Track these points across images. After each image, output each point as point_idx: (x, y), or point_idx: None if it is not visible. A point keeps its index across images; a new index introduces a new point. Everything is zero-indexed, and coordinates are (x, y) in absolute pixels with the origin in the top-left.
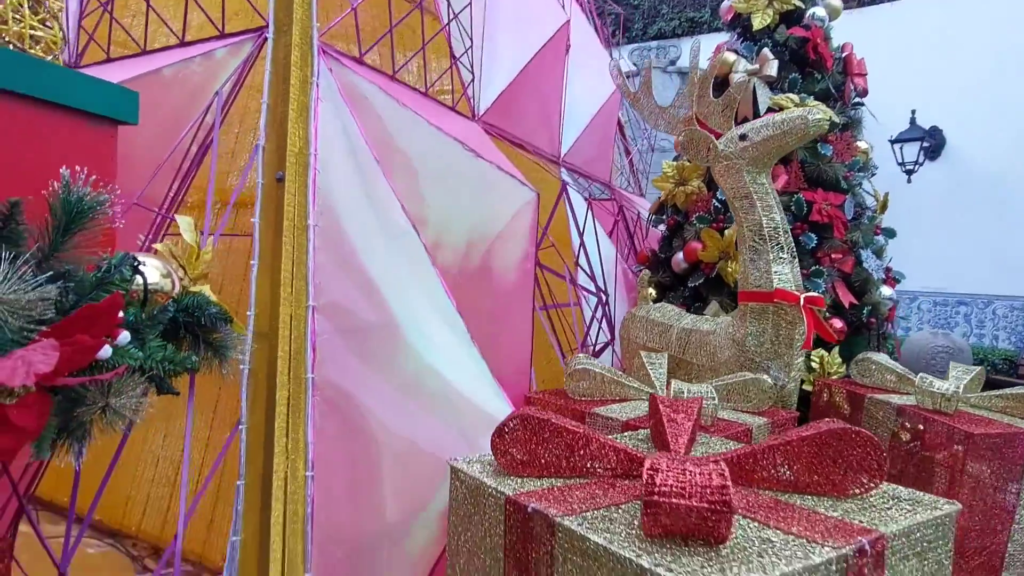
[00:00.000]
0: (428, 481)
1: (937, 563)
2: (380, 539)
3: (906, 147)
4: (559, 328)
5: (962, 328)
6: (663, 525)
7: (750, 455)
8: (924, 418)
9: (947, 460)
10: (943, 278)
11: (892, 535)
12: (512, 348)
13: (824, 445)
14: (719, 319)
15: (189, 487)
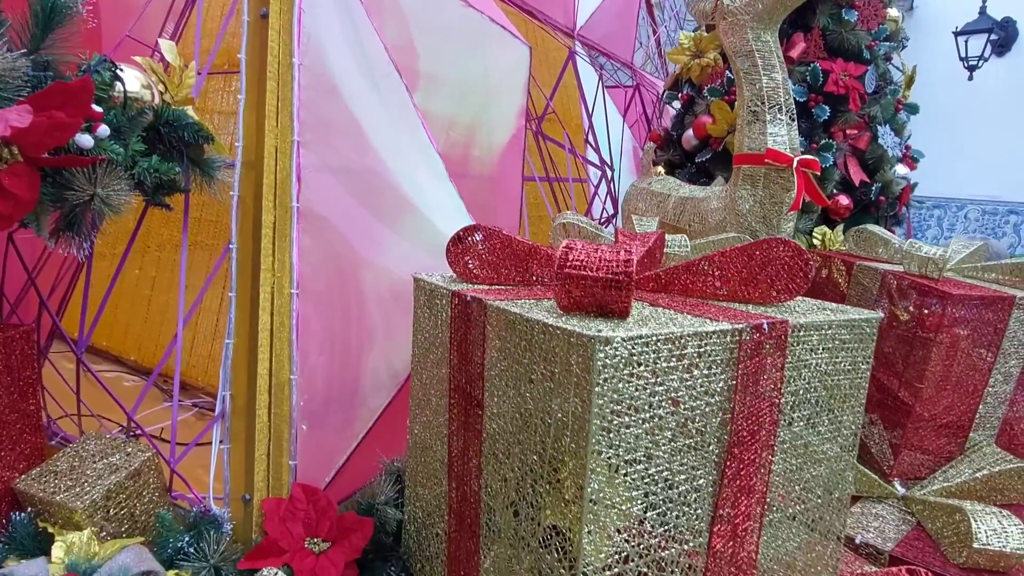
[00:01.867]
0: (406, 302)
1: (853, 364)
2: (362, 350)
3: (971, 40)
4: (561, 201)
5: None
6: (573, 298)
7: (686, 268)
8: (908, 282)
9: (926, 322)
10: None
11: (798, 325)
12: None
13: (753, 256)
14: (715, 187)
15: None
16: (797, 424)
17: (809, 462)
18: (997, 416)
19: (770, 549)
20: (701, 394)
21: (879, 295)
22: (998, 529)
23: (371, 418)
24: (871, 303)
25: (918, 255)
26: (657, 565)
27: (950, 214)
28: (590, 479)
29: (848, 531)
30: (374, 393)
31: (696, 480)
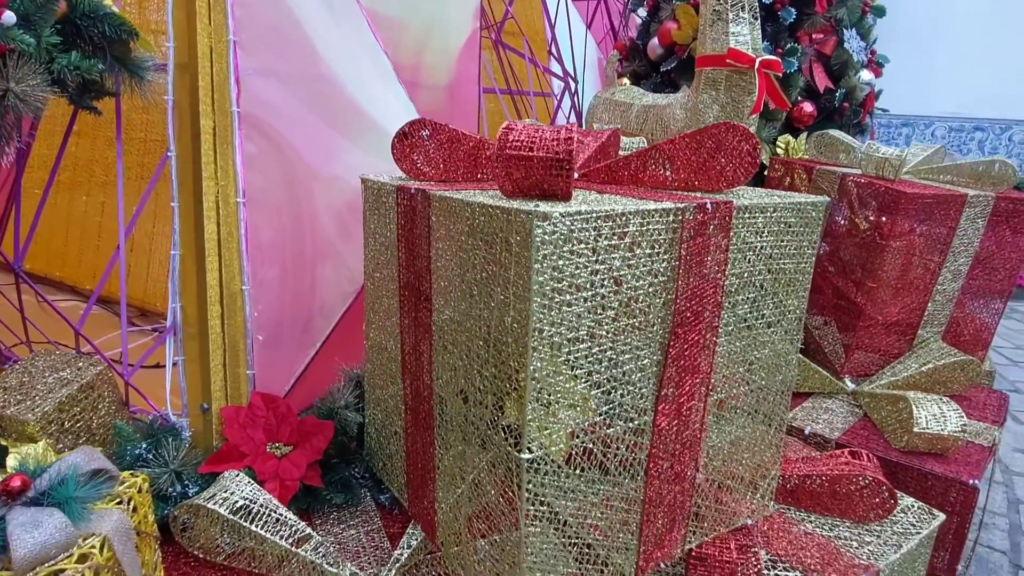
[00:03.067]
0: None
1: (798, 248)
2: (316, 260)
3: None
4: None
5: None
6: (515, 180)
7: (637, 157)
8: (864, 183)
9: (880, 222)
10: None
11: (743, 206)
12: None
13: (703, 143)
14: (679, 94)
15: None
16: (741, 307)
17: (753, 345)
18: (945, 314)
19: (715, 428)
20: (644, 274)
21: (838, 199)
22: (937, 414)
23: (328, 327)
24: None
25: (875, 156)
26: (603, 441)
27: (918, 132)
28: (532, 358)
29: (799, 423)
30: (331, 302)
31: (640, 360)
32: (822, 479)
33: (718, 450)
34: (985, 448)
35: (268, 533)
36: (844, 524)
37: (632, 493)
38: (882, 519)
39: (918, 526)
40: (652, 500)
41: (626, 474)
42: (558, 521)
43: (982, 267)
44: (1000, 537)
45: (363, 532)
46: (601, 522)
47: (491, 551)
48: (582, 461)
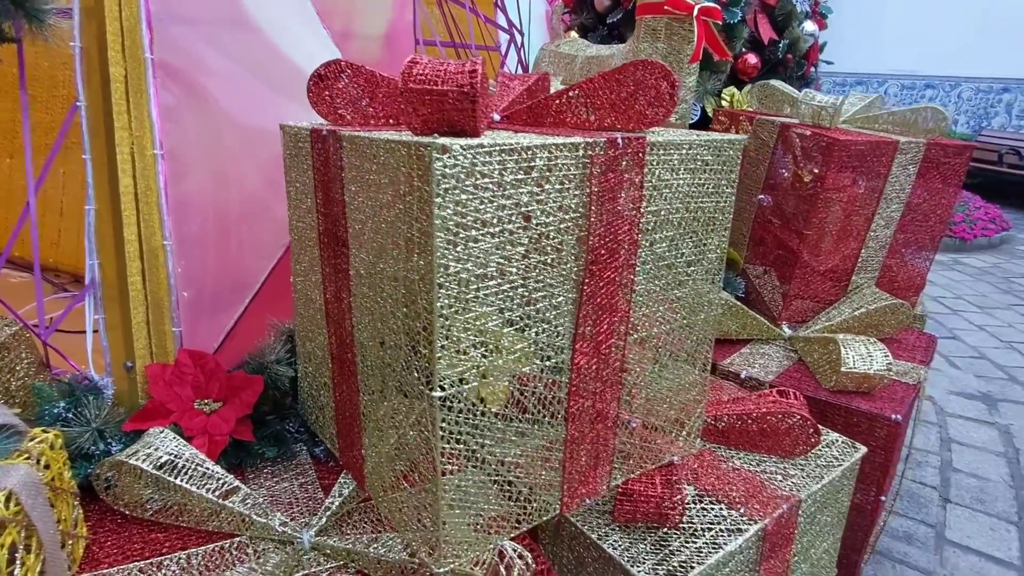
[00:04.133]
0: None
1: (717, 187)
2: (243, 214)
3: None
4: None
5: None
6: (422, 117)
7: (556, 98)
8: (801, 131)
9: (815, 169)
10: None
11: (657, 143)
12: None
13: (622, 82)
14: (623, 45)
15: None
16: (659, 245)
17: (673, 284)
18: (878, 260)
19: (637, 367)
20: (554, 210)
21: (776, 149)
22: (864, 354)
23: (258, 282)
24: (768, 157)
25: (812, 104)
26: (519, 380)
27: (872, 90)
28: (439, 294)
29: (736, 368)
30: (260, 257)
31: (555, 297)
32: (751, 418)
33: (642, 389)
34: (910, 386)
35: (194, 487)
36: (771, 459)
37: (553, 432)
38: (806, 453)
39: (840, 459)
40: (574, 438)
41: (546, 412)
42: (476, 459)
43: (914, 214)
44: (932, 474)
45: (296, 484)
46: (522, 460)
47: (413, 493)
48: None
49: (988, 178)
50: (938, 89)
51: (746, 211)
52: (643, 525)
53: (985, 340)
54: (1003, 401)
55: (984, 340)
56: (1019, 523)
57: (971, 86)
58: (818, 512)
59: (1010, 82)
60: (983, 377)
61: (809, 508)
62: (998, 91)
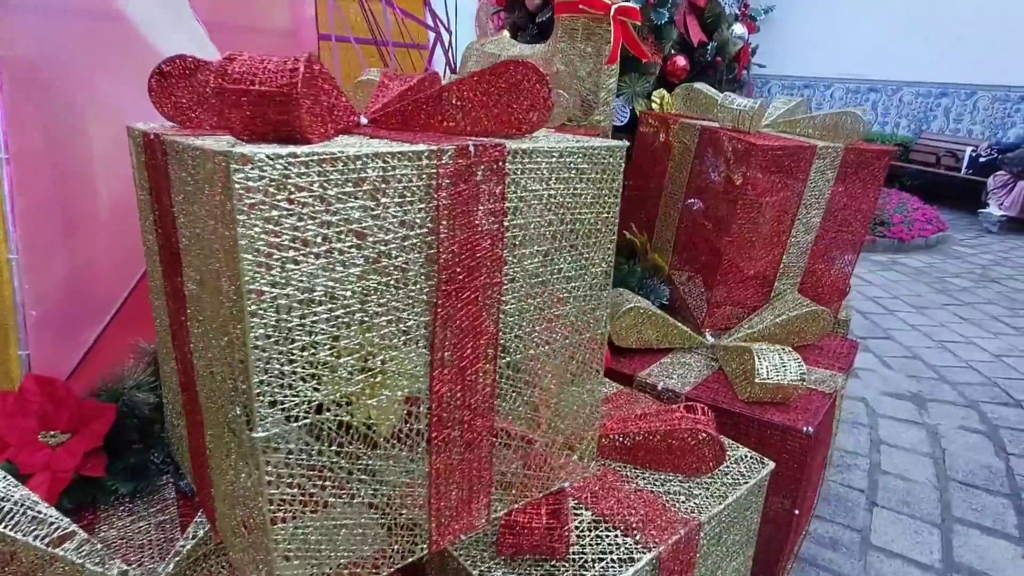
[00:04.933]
0: None
1: (596, 197)
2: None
3: None
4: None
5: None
6: (244, 120)
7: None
8: (720, 135)
9: (734, 174)
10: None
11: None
12: None
13: (494, 84)
14: (541, 45)
15: None
16: (530, 261)
17: (551, 302)
18: (800, 266)
19: (512, 391)
20: (395, 226)
21: (698, 153)
22: (778, 364)
23: (119, 299)
24: (691, 161)
25: (731, 108)
26: (365, 412)
27: (818, 93)
28: (251, 323)
29: (653, 379)
30: (122, 271)
31: (404, 322)
32: (657, 435)
33: (521, 414)
34: (826, 395)
35: (20, 534)
36: (678, 479)
37: (414, 466)
38: (712, 471)
39: (747, 476)
40: (441, 472)
41: (402, 446)
42: (317, 504)
43: (835, 219)
44: (860, 477)
45: (154, 523)
46: (376, 500)
47: (250, 541)
48: (338, 436)
49: (927, 180)
50: (881, 93)
51: (671, 216)
52: (530, 558)
53: (918, 340)
54: (932, 401)
55: (917, 340)
56: (942, 525)
57: (912, 90)
58: (724, 532)
59: (948, 87)
60: (914, 377)
61: (712, 530)
62: (937, 95)
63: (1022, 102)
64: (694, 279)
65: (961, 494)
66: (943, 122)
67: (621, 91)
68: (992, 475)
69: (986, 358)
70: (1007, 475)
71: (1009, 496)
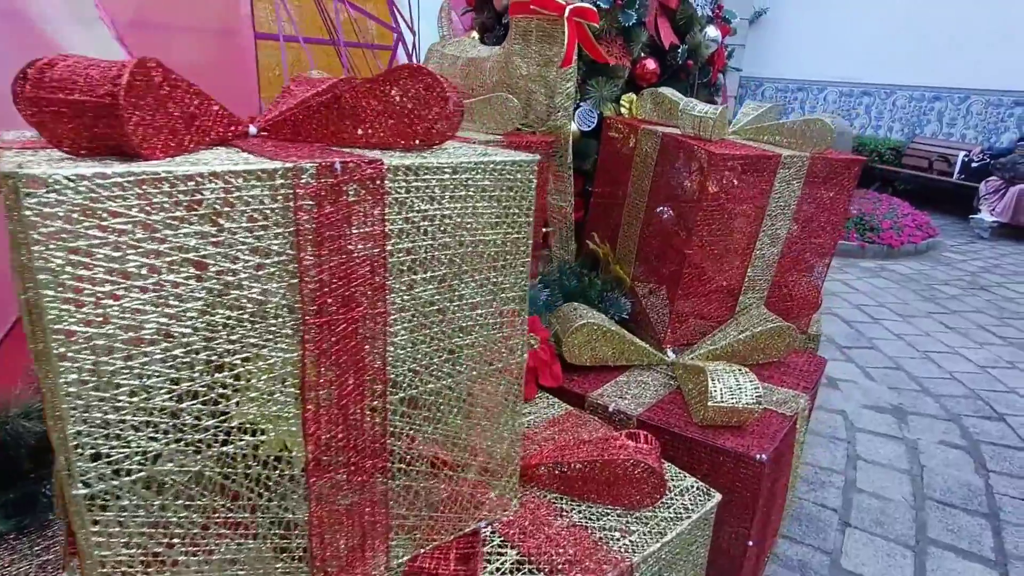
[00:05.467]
0: None
1: (504, 216)
2: None
3: None
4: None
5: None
6: (66, 132)
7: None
8: (679, 143)
9: (694, 184)
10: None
11: (405, 167)
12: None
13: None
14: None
15: None
16: (423, 288)
17: (453, 331)
18: (766, 279)
19: (409, 428)
20: (246, 253)
21: (660, 160)
22: (733, 386)
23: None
24: (652, 169)
25: (691, 114)
26: (219, 460)
27: (811, 96)
28: (61, 367)
29: (604, 400)
30: None
31: (266, 359)
32: (596, 464)
33: (422, 452)
34: (786, 418)
35: None
36: (616, 512)
37: (289, 515)
38: (653, 504)
39: (691, 509)
40: (324, 521)
41: (272, 495)
42: (163, 563)
43: (802, 231)
44: (834, 495)
45: (36, 564)
46: (242, 555)
47: None
48: (187, 488)
49: (919, 185)
50: (874, 96)
51: (634, 226)
52: None
53: (902, 350)
54: (913, 414)
55: (901, 350)
56: (916, 547)
57: (905, 94)
58: (664, 570)
59: (941, 91)
60: (896, 389)
61: (650, 569)
62: (930, 99)
63: (1016, 107)
64: (656, 292)
65: (937, 514)
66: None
67: (588, 95)
68: (970, 494)
69: (971, 369)
70: (986, 493)
71: (987, 516)
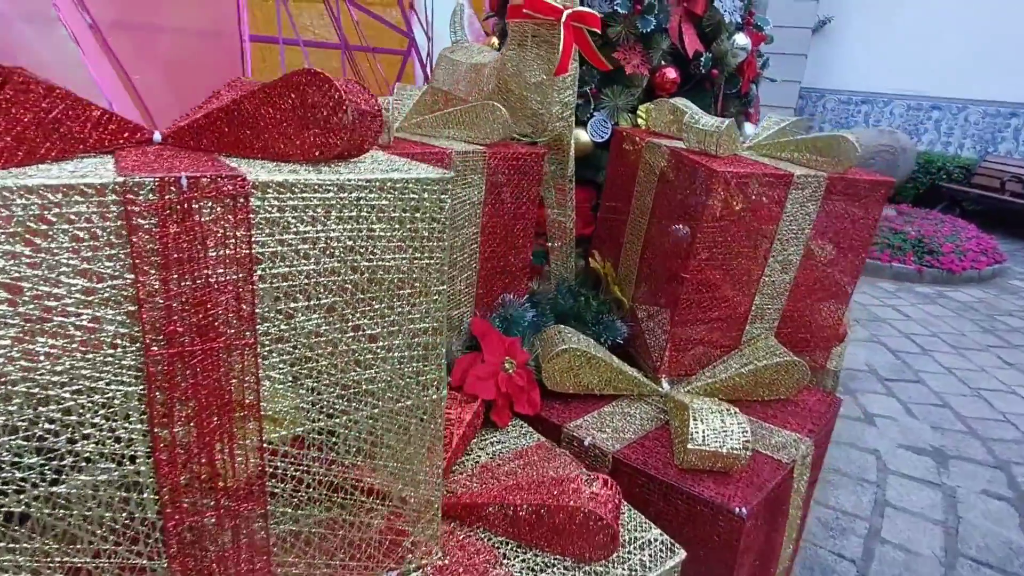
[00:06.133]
0: None
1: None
2: None
3: None
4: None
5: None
6: None
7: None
8: (681, 158)
9: (694, 203)
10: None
11: (276, 183)
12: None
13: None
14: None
15: None
16: (306, 316)
17: (346, 364)
18: (776, 308)
19: (295, 471)
20: (70, 276)
21: (663, 175)
22: (718, 428)
23: None
24: (655, 185)
25: (696, 127)
26: (48, 501)
27: (877, 109)
28: None
29: (580, 433)
30: None
31: (103, 392)
32: (545, 510)
33: (312, 496)
34: (781, 465)
35: None
36: (563, 564)
37: (143, 561)
38: (604, 559)
39: (649, 567)
40: (188, 568)
41: (120, 539)
42: None
43: (819, 256)
44: (854, 544)
45: None
46: None
47: None
48: (12, 529)
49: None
50: (944, 111)
51: (635, 244)
52: None
53: (951, 386)
54: (955, 458)
55: (950, 386)
56: None
57: (979, 109)
58: None
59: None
60: (939, 429)
61: None
62: (1006, 115)
63: None
64: (654, 316)
65: (970, 574)
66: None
67: (603, 104)
68: (1012, 553)
69: None
70: None
71: None
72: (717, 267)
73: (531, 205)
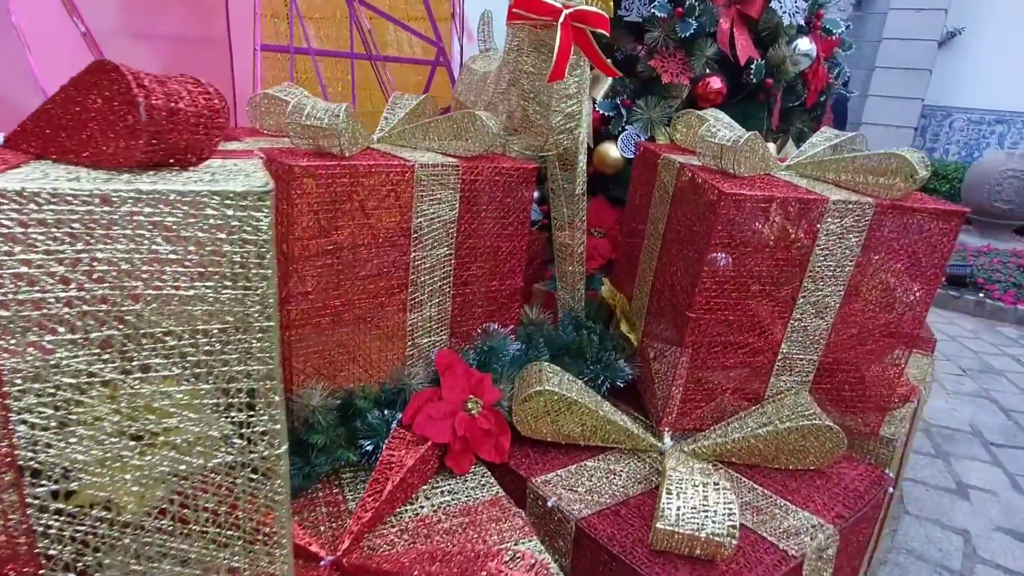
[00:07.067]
0: None
1: (212, 269)
2: None
3: None
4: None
5: None
6: None
7: (38, 116)
8: (692, 177)
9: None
10: None
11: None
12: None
13: (88, 100)
14: None
15: None
16: (70, 352)
17: (135, 411)
18: (810, 359)
19: (78, 531)
20: None
21: (676, 196)
22: (698, 506)
23: None
24: (668, 206)
25: (712, 142)
26: None
27: (1014, 130)
28: None
29: (546, 490)
30: None
31: None
32: None
33: (106, 563)
34: (787, 557)
35: None
36: None
37: None
38: None
39: None
40: None
41: None
42: None
43: (869, 300)
44: None
45: None
46: None
47: None
48: None
49: None
50: None
51: (648, 274)
52: None
53: None
54: None
55: None
56: None
57: None
58: None
59: None
60: None
61: None
62: None
63: None
64: (663, 359)
65: None
66: None
67: (635, 117)
68: None
69: None
70: None
71: None
72: (731, 306)
73: (520, 226)
